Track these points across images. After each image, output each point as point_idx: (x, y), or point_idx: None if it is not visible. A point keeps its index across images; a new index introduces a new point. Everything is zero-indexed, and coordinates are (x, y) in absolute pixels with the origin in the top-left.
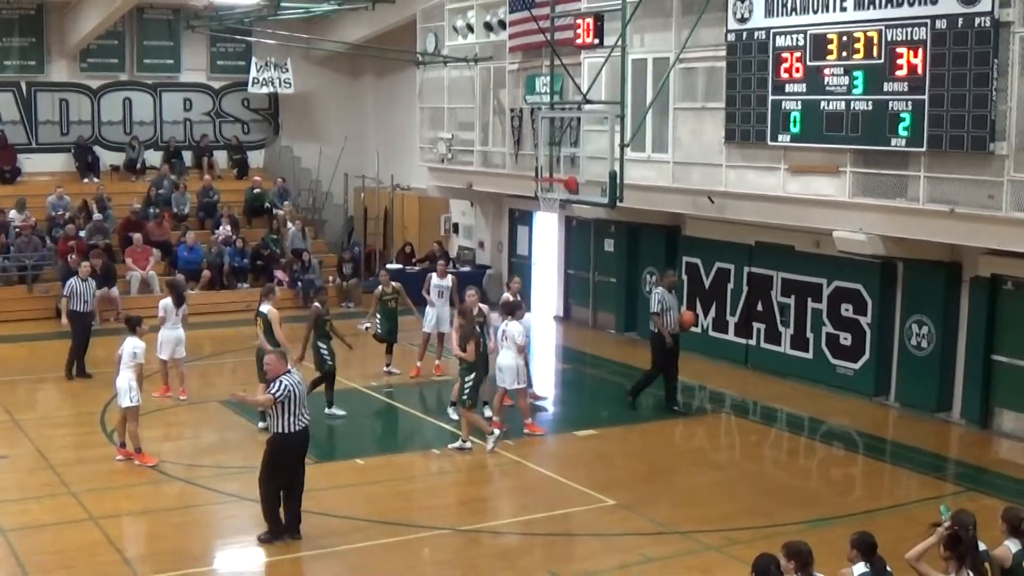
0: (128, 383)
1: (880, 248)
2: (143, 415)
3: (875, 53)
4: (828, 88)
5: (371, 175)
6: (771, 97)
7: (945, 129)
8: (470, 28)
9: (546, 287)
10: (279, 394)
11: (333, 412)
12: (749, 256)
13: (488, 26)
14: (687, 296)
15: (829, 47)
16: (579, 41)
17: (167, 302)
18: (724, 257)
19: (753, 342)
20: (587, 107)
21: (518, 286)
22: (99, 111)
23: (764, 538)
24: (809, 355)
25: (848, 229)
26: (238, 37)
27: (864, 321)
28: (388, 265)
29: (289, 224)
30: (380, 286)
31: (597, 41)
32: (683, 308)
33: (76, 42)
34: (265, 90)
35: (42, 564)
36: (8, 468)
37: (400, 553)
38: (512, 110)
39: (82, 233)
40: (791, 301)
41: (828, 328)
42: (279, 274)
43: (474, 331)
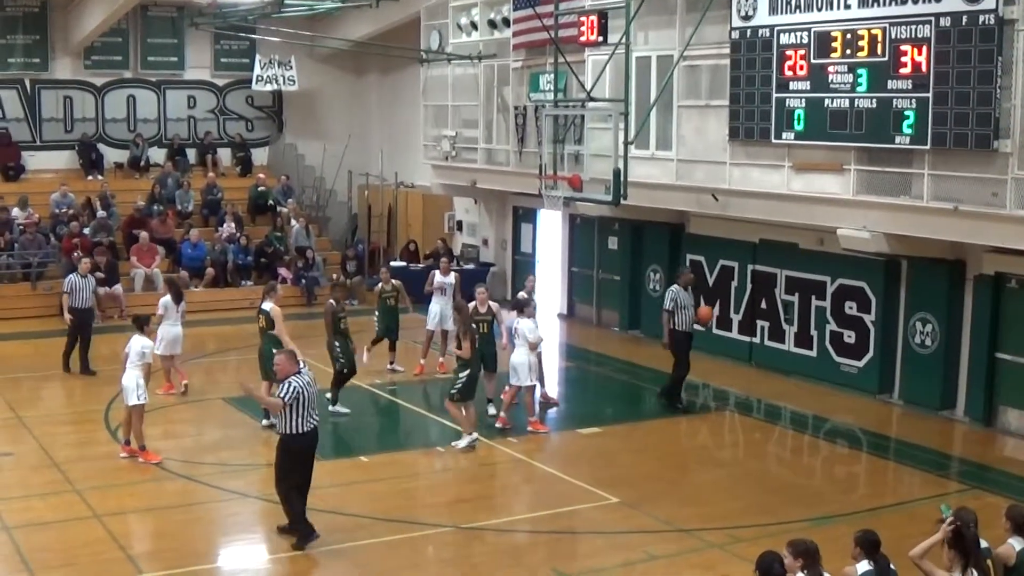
0: (135, 381)
1: (884, 246)
2: (146, 412)
3: (879, 51)
4: (832, 86)
5: (375, 172)
6: (775, 95)
7: (949, 127)
8: (474, 25)
9: (550, 285)
10: (288, 397)
11: (337, 410)
12: (753, 254)
13: (492, 23)
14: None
15: (833, 45)
16: (583, 38)
17: (167, 299)
18: (728, 255)
19: (757, 340)
20: (591, 105)
21: (533, 283)
22: (103, 108)
23: (768, 536)
24: (813, 353)
25: (852, 227)
26: (242, 34)
27: (868, 319)
28: (392, 263)
29: (293, 222)
30: (380, 283)
31: (601, 38)
32: (702, 304)
33: (80, 39)
34: (269, 87)
35: (46, 561)
36: (12, 465)
37: (404, 551)
38: (516, 108)
39: (86, 230)
40: (795, 299)
41: (832, 326)
42: (283, 272)
43: (471, 328)
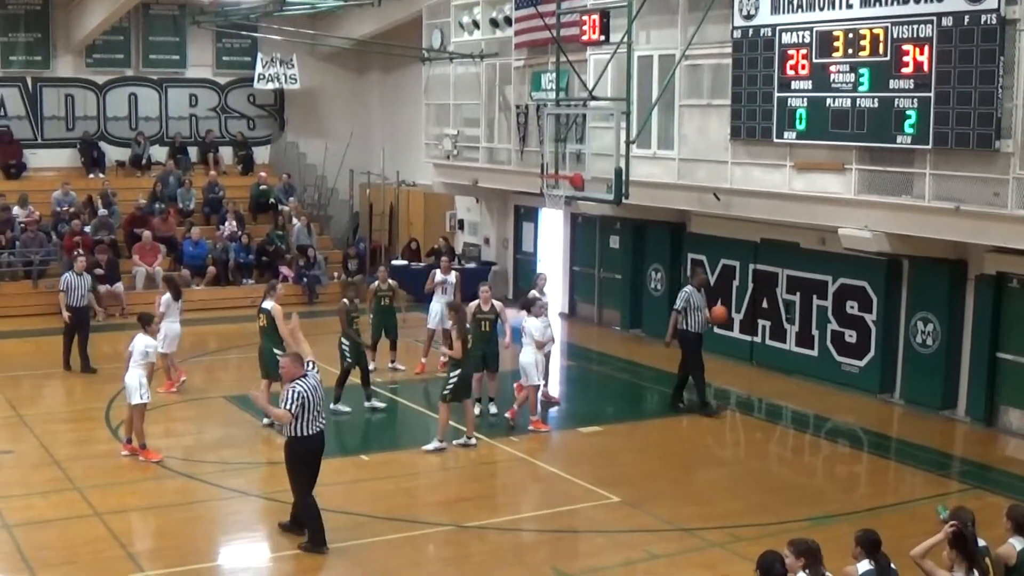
0: (139, 380)
1: (885, 245)
2: (147, 411)
3: (881, 50)
4: (834, 85)
5: (376, 171)
6: (777, 94)
7: (951, 126)
8: (476, 24)
9: (551, 284)
10: (294, 408)
11: (338, 408)
12: (754, 253)
13: (494, 22)
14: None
15: (835, 44)
16: (585, 37)
17: (168, 297)
18: (729, 254)
19: (758, 339)
20: (593, 104)
21: (544, 281)
22: (105, 107)
23: (769, 535)
24: (814, 352)
25: (853, 226)
26: (244, 33)
27: (869, 318)
28: (393, 261)
29: (294, 220)
30: (376, 281)
31: (603, 37)
32: (718, 303)
33: (82, 37)
34: (271, 86)
35: (46, 559)
36: (13, 463)
37: (405, 549)
38: (518, 106)
39: (87, 229)
40: (796, 298)
41: (833, 325)
42: (284, 270)
43: (464, 328)
